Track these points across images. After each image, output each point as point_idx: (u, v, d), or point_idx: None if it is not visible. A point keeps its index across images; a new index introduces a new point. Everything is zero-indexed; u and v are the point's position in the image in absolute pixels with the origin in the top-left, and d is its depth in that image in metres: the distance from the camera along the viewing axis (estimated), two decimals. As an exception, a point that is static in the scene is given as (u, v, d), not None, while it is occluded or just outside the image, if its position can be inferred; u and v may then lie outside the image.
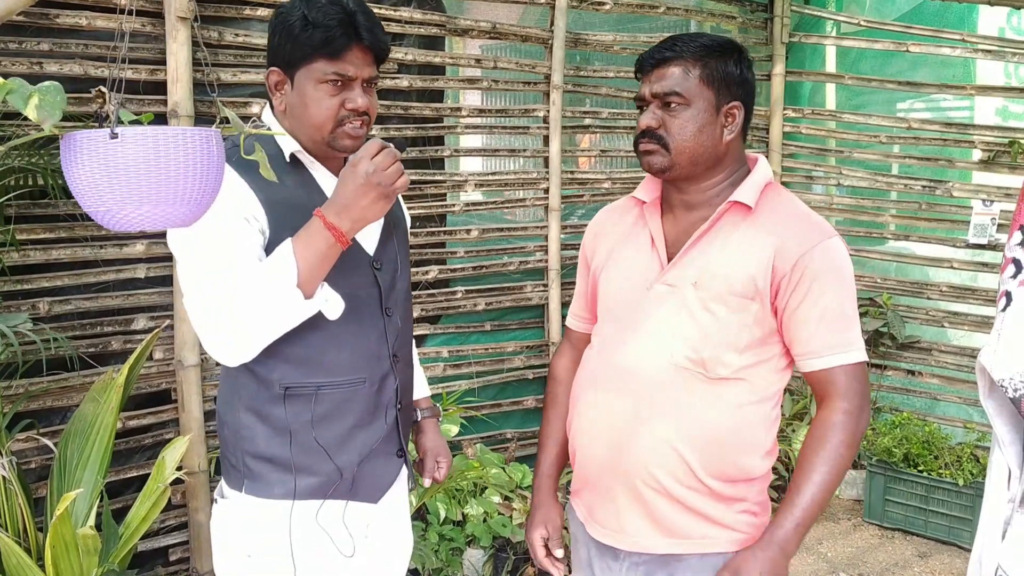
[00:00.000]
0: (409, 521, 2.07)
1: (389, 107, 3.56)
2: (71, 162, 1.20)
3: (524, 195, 4.10)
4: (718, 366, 1.71)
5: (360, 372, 1.78)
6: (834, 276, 1.70)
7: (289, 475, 1.75)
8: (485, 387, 4.02)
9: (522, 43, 4.03)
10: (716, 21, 4.71)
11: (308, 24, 1.64)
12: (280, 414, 1.74)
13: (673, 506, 1.73)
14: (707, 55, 1.73)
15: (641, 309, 1.79)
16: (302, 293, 1.58)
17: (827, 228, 1.74)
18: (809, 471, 1.67)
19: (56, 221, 2.86)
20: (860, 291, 4.59)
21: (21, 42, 2.76)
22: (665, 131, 1.73)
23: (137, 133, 1.18)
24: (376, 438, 1.82)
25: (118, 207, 1.21)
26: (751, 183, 1.76)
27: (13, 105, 1.13)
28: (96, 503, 2.27)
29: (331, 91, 1.68)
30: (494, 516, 3.55)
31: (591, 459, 1.83)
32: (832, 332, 1.69)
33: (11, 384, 2.72)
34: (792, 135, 4.85)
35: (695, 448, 1.71)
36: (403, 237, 1.94)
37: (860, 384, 1.71)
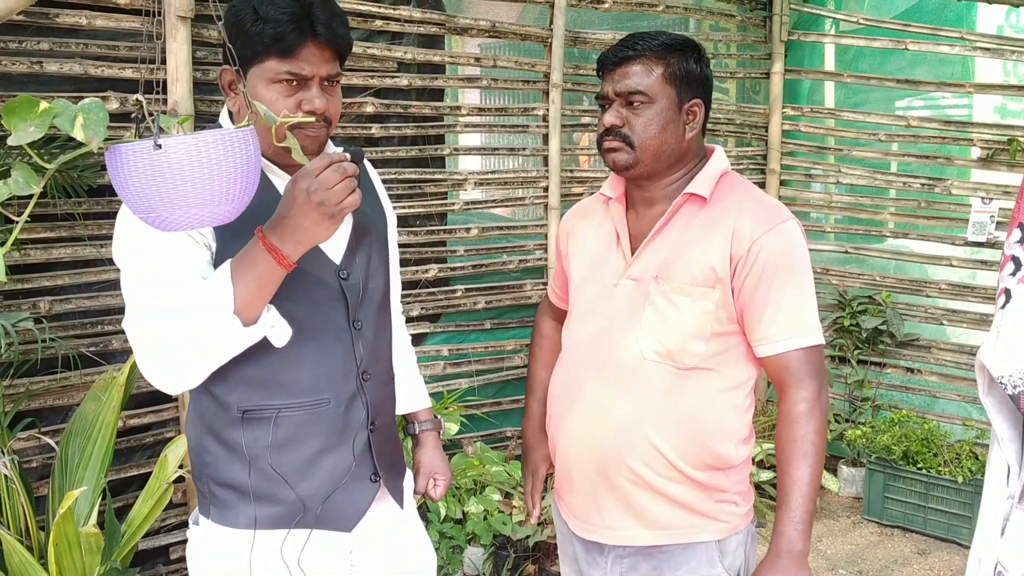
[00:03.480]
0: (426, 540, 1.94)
1: (389, 106, 3.56)
2: (119, 173, 1.23)
3: (524, 193, 4.10)
4: (686, 356, 1.74)
5: (323, 392, 1.63)
6: (788, 259, 1.72)
7: (248, 504, 1.61)
8: (485, 385, 4.02)
9: (521, 41, 4.03)
10: (715, 19, 4.71)
11: (259, 19, 1.50)
12: (238, 439, 1.60)
13: (653, 497, 1.77)
14: (668, 53, 1.76)
15: (609, 305, 1.83)
16: (240, 320, 1.45)
17: (782, 212, 1.78)
18: (790, 470, 1.69)
19: (56, 220, 2.87)
20: (859, 289, 4.62)
21: (21, 41, 2.76)
22: (629, 129, 1.76)
23: (180, 142, 1.21)
24: (346, 464, 1.66)
25: (168, 212, 1.24)
26: (705, 174, 1.80)
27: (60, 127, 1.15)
28: (98, 502, 2.28)
29: (285, 91, 1.54)
30: (494, 514, 3.56)
31: (570, 456, 1.87)
32: (786, 316, 1.71)
33: (12, 383, 2.72)
34: (791, 133, 4.85)
35: (670, 439, 1.74)
36: (380, 241, 1.79)
37: (816, 367, 1.73)
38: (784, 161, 4.85)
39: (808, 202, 4.88)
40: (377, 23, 3.49)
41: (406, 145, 3.70)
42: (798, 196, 4.88)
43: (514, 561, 3.50)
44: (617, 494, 1.79)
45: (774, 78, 4.77)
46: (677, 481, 1.76)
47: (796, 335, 1.71)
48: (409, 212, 3.67)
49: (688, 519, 1.78)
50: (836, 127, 4.80)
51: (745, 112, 4.79)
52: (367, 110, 3.52)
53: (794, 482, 1.68)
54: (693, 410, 1.75)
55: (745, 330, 1.75)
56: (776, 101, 4.78)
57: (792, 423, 1.70)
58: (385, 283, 1.79)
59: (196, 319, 1.44)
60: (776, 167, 4.83)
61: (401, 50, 3.58)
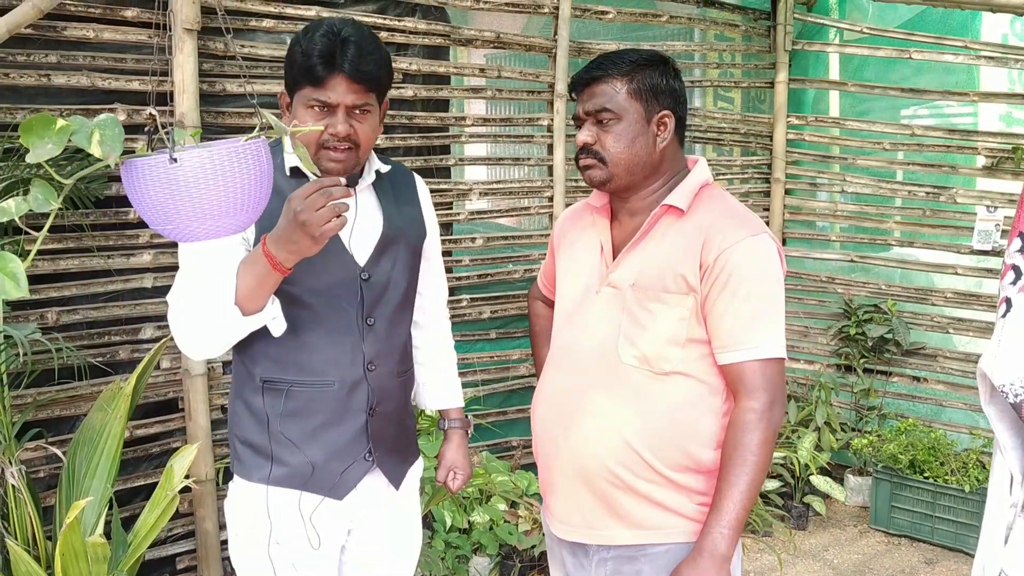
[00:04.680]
0: (416, 524, 2.12)
1: (394, 117, 3.58)
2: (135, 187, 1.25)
3: (529, 203, 4.11)
4: (661, 362, 1.79)
5: (328, 375, 1.85)
6: (753, 271, 1.76)
7: (266, 461, 1.87)
8: (491, 395, 4.03)
9: (526, 52, 4.04)
10: (719, 29, 4.72)
11: (301, 52, 1.75)
12: (259, 404, 1.86)
13: (633, 498, 1.82)
14: (633, 70, 1.83)
15: (590, 311, 1.90)
16: (240, 310, 1.68)
17: (755, 226, 1.81)
18: (728, 475, 1.73)
19: (64, 231, 2.89)
20: (865, 298, 4.61)
21: (29, 54, 2.78)
22: (600, 146, 1.84)
23: (195, 155, 1.23)
24: (343, 440, 1.88)
25: (184, 224, 1.27)
26: (685, 186, 1.86)
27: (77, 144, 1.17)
28: (104, 511, 2.29)
29: (316, 116, 1.76)
30: (500, 524, 3.56)
31: (551, 459, 1.93)
32: (745, 327, 1.75)
33: (20, 393, 2.74)
34: (796, 142, 4.86)
35: (647, 442, 1.80)
36: (410, 250, 1.97)
37: (770, 381, 1.75)
38: (789, 170, 4.86)
39: (813, 211, 4.88)
40: (383, 34, 3.50)
41: (411, 155, 3.72)
42: (803, 205, 4.88)
43: (520, 571, 3.50)
44: (597, 495, 1.84)
45: (778, 87, 4.78)
46: (655, 482, 1.80)
47: (753, 346, 1.75)
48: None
49: (668, 519, 1.82)
50: (841, 136, 4.80)
51: (749, 121, 4.80)
52: (372, 121, 3.53)
53: (729, 487, 1.71)
54: (670, 413, 1.80)
55: (709, 337, 1.80)
56: (780, 110, 4.79)
57: (737, 431, 1.74)
58: (407, 288, 1.98)
59: (206, 305, 1.68)
60: (781, 176, 4.83)
61: (406, 61, 3.60)
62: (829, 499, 4.41)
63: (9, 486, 2.24)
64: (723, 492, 1.72)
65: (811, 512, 4.29)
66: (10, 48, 2.69)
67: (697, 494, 1.82)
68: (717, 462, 1.80)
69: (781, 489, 4.22)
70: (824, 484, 4.21)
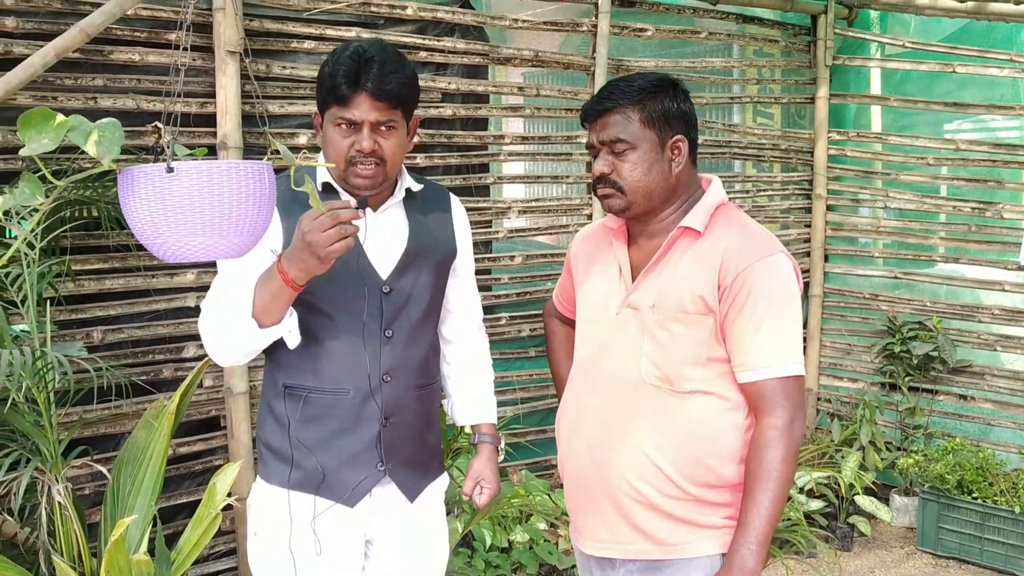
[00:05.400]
0: (438, 540, 2.13)
1: (433, 135, 3.60)
2: (128, 196, 1.24)
3: (567, 221, 4.10)
4: (683, 380, 1.82)
5: (344, 384, 1.91)
6: (771, 290, 1.79)
7: (286, 465, 1.93)
8: (530, 413, 4.01)
9: (564, 70, 4.05)
10: (758, 45, 4.70)
11: (328, 73, 1.83)
12: (281, 408, 1.94)
13: (658, 516, 1.84)
14: (644, 98, 1.84)
15: (610, 332, 1.92)
16: (257, 322, 1.75)
17: (771, 245, 1.84)
18: (752, 492, 1.76)
19: (109, 252, 2.93)
20: (909, 315, 4.55)
21: (77, 78, 2.83)
22: (617, 175, 1.86)
23: (192, 167, 1.22)
24: (356, 447, 1.92)
25: (174, 239, 1.25)
26: (700, 207, 1.88)
27: (74, 141, 1.17)
28: (148, 529, 2.30)
29: (343, 133, 1.83)
30: (540, 543, 3.54)
31: (576, 476, 1.96)
32: (764, 345, 1.77)
33: (67, 412, 2.78)
34: (837, 158, 4.81)
35: (671, 459, 1.82)
36: (435, 266, 2.02)
37: (789, 398, 1.78)
38: (830, 186, 4.81)
39: (855, 227, 4.83)
40: (421, 54, 3.53)
41: (450, 174, 3.73)
42: (845, 221, 4.83)
43: (560, 591, 3.47)
44: (622, 511, 1.87)
45: (819, 103, 4.74)
46: (679, 498, 1.83)
47: (772, 364, 1.77)
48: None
49: (693, 534, 1.84)
50: (883, 151, 4.75)
51: (790, 137, 4.76)
52: (412, 140, 3.55)
53: (754, 504, 1.74)
54: (692, 430, 1.82)
55: (728, 356, 1.82)
56: (821, 126, 4.75)
57: (759, 448, 1.77)
58: (430, 304, 2.02)
59: (228, 316, 1.77)
60: (822, 192, 4.78)
61: (445, 80, 3.62)
62: (874, 520, 4.32)
63: (56, 503, 2.27)
64: (749, 509, 1.75)
65: (856, 533, 4.22)
66: (58, 72, 2.75)
67: (722, 507, 1.84)
68: (741, 476, 1.83)
69: (825, 509, 4.15)
70: (869, 504, 4.14)
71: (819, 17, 4.62)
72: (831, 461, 4.32)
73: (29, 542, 2.45)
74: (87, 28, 2.59)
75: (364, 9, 3.38)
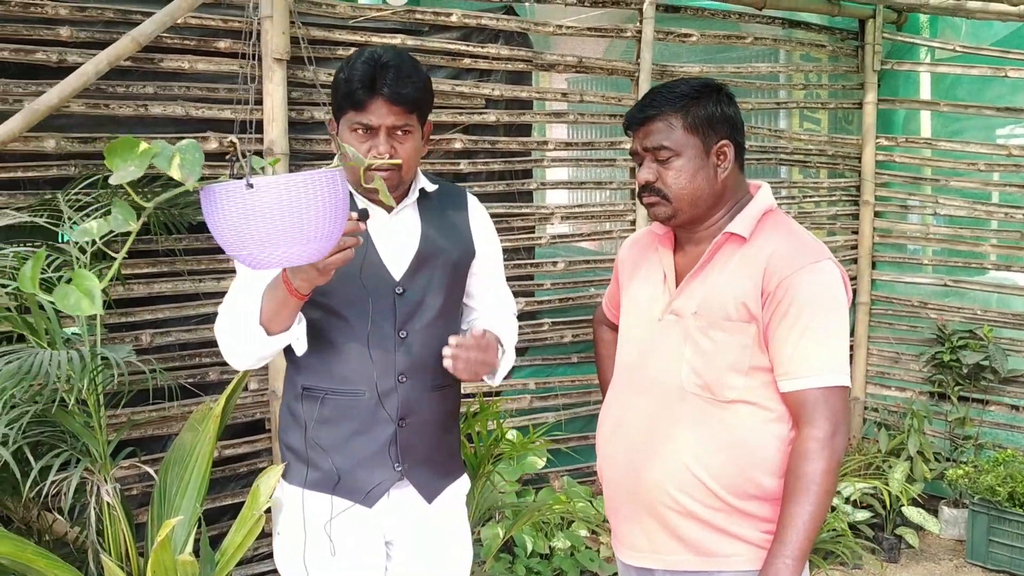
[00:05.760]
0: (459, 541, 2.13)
1: (477, 142, 3.61)
2: (212, 212, 1.28)
3: (611, 227, 4.09)
4: (724, 389, 1.79)
5: (359, 385, 1.92)
6: (816, 298, 1.74)
7: (304, 465, 1.96)
8: (572, 419, 4.01)
9: (608, 76, 4.04)
10: (805, 50, 4.65)
11: (344, 79, 1.85)
12: (299, 410, 1.97)
13: (697, 525, 1.81)
14: (686, 103, 1.81)
15: (653, 338, 1.90)
16: (265, 330, 1.77)
17: (818, 252, 1.80)
18: (791, 504, 1.71)
19: (158, 256, 2.98)
20: (959, 323, 4.46)
21: (128, 85, 2.89)
22: (662, 183, 1.83)
23: (270, 182, 1.26)
24: (371, 448, 1.94)
25: (259, 250, 1.30)
26: (747, 214, 1.85)
27: (158, 167, 1.21)
28: (194, 530, 2.34)
29: (359, 138, 1.86)
30: (581, 550, 3.53)
31: (615, 484, 1.93)
32: (807, 353, 1.73)
33: (115, 413, 2.83)
34: (885, 164, 4.74)
35: (710, 469, 1.78)
36: (448, 267, 2.00)
37: (832, 409, 1.73)
38: (878, 192, 4.74)
39: (904, 234, 4.75)
40: (465, 61, 3.55)
41: (494, 180, 3.75)
42: (893, 228, 4.76)
43: (601, 598, 3.46)
44: (660, 521, 1.84)
45: (867, 108, 4.68)
46: (720, 510, 1.79)
47: (815, 374, 1.73)
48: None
49: (733, 546, 1.80)
50: (933, 157, 4.67)
51: (837, 143, 4.70)
52: (455, 146, 3.57)
53: (791, 517, 1.70)
54: (734, 440, 1.79)
55: (771, 364, 1.78)
56: (869, 131, 4.68)
57: (799, 460, 1.73)
58: (444, 304, 2.00)
59: (238, 324, 1.80)
60: (870, 198, 4.72)
61: (489, 87, 3.63)
62: (922, 532, 4.25)
63: (104, 503, 2.31)
64: (786, 521, 1.70)
65: (903, 544, 4.14)
66: (110, 80, 2.80)
67: (762, 521, 1.80)
68: (782, 489, 1.78)
69: (871, 520, 4.09)
70: (917, 516, 4.07)
71: (867, 21, 4.57)
72: (878, 471, 4.26)
73: (79, 541, 2.50)
74: (138, 37, 2.64)
75: (409, 16, 3.41)
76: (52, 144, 2.75)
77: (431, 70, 3.54)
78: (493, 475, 3.40)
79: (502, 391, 3.82)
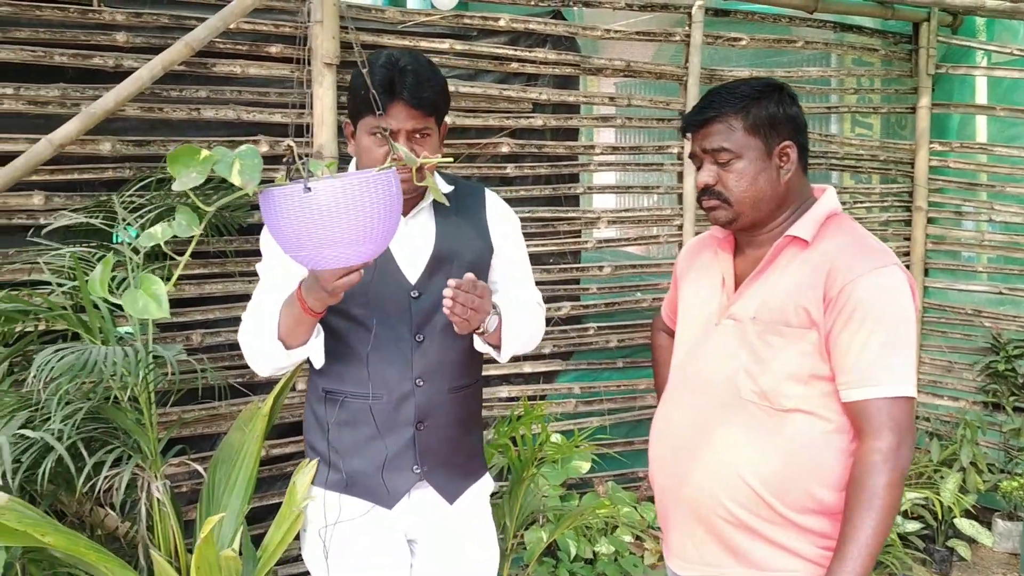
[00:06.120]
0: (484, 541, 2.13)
1: (523, 146, 3.62)
2: (271, 215, 1.32)
3: (658, 231, 4.07)
4: (781, 398, 1.72)
5: (378, 389, 1.94)
6: (881, 304, 1.67)
7: (326, 467, 2.01)
8: (617, 424, 3.99)
9: (656, 80, 4.03)
10: (857, 54, 4.59)
11: (362, 84, 1.82)
12: (321, 412, 2.00)
13: (751, 538, 1.75)
14: (747, 104, 1.76)
15: (710, 344, 1.85)
16: (283, 344, 1.82)
17: (884, 257, 1.72)
18: (852, 519, 1.63)
19: (209, 257, 3.03)
20: (1015, 332, 4.37)
21: (181, 90, 2.94)
22: (723, 186, 1.78)
23: (327, 185, 1.29)
24: (390, 451, 1.96)
25: (316, 251, 1.33)
26: (810, 217, 1.79)
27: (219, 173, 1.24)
28: (240, 527, 2.37)
29: (378, 142, 1.86)
30: (625, 555, 3.52)
31: (666, 493, 1.89)
32: (871, 362, 1.66)
33: (166, 411, 2.88)
34: (939, 169, 4.66)
35: (765, 480, 1.72)
36: (464, 267, 1.92)
37: (897, 421, 1.65)
38: (932, 198, 4.66)
39: (958, 240, 4.67)
40: (513, 65, 3.56)
41: (540, 184, 3.75)
42: (947, 234, 4.67)
43: (645, 604, 3.44)
44: (713, 532, 1.79)
45: (920, 113, 4.60)
46: (774, 523, 1.73)
47: (879, 383, 1.66)
48: (542, 250, 3.70)
49: (788, 561, 1.74)
50: (988, 163, 4.58)
51: (889, 148, 4.63)
52: (502, 150, 3.58)
53: (853, 531, 1.62)
54: (790, 451, 1.72)
55: (833, 372, 1.71)
56: (923, 136, 4.61)
57: (861, 473, 1.65)
58: None
59: (257, 337, 1.85)
60: (923, 204, 4.64)
61: (536, 91, 3.64)
62: (975, 544, 4.16)
63: (154, 499, 2.35)
64: (847, 537, 1.63)
65: (955, 557, 4.06)
66: (164, 84, 2.85)
67: (820, 536, 1.73)
68: (841, 504, 1.71)
69: (922, 531, 4.02)
70: (969, 528, 3.99)
71: (921, 25, 4.49)
72: (929, 481, 4.18)
73: (129, 536, 2.54)
74: (192, 42, 2.69)
75: (457, 21, 3.43)
76: (108, 147, 2.81)
77: (478, 74, 3.56)
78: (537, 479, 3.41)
79: (547, 395, 3.82)
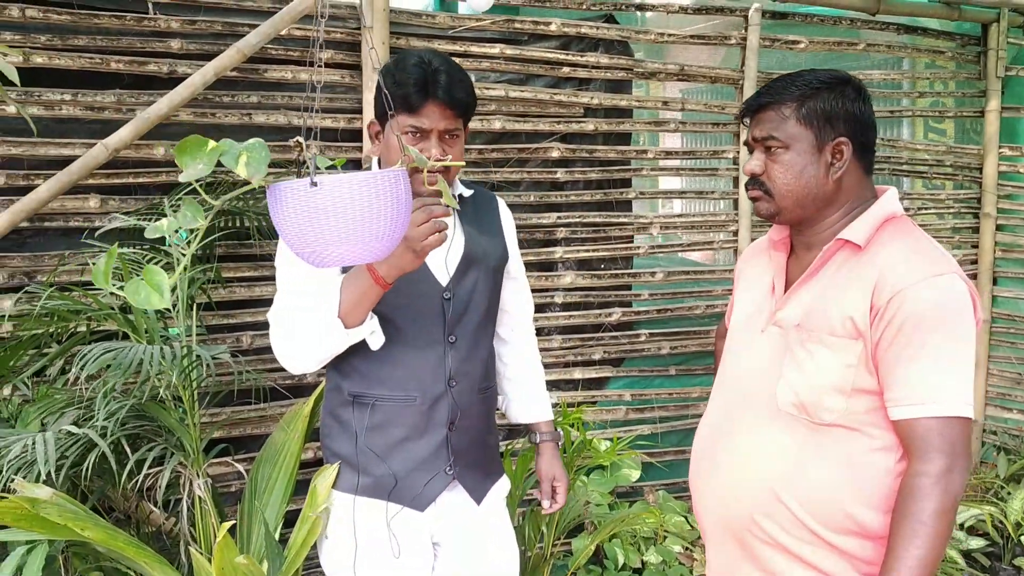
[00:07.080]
0: (506, 541, 2.16)
1: (575, 150, 3.60)
2: (277, 209, 1.32)
3: (712, 237, 4.01)
4: (821, 411, 1.63)
5: (412, 390, 1.94)
6: (935, 315, 1.56)
7: (354, 472, 1.98)
8: (668, 432, 3.94)
9: (711, 84, 3.97)
10: (924, 56, 4.47)
11: (394, 82, 1.85)
12: (348, 417, 1.98)
13: (784, 557, 1.66)
14: (805, 94, 1.69)
15: (754, 351, 1.77)
16: (343, 323, 1.78)
17: (940, 264, 1.60)
18: (896, 547, 1.53)
19: (258, 260, 3.07)
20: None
21: (233, 95, 3.00)
22: (767, 177, 1.72)
23: (333, 180, 1.29)
24: (424, 452, 1.96)
25: (322, 247, 1.33)
26: (865, 220, 1.68)
27: (226, 165, 1.25)
28: (280, 527, 2.39)
29: (410, 141, 1.86)
30: (673, 565, 3.46)
31: (704, 510, 1.82)
32: (922, 378, 1.55)
33: (215, 411, 2.93)
34: (1009, 175, 4.51)
35: (803, 500, 1.63)
36: (490, 270, 2.06)
37: (950, 442, 1.54)
38: (1001, 204, 4.50)
39: (1027, 249, 4.51)
40: (564, 69, 3.54)
41: (591, 189, 3.72)
42: (1017, 242, 4.51)
43: (693, 616, 3.39)
44: (744, 547, 1.72)
45: (989, 116, 4.45)
46: (810, 543, 1.64)
47: (930, 402, 1.55)
48: (593, 255, 3.68)
49: None
50: (1061, 168, 4.42)
51: (956, 153, 4.50)
52: (553, 155, 3.57)
53: (896, 561, 1.51)
54: (828, 469, 1.63)
55: (881, 389, 1.61)
56: (991, 141, 4.46)
57: (907, 498, 1.54)
58: (488, 307, 2.07)
59: (313, 319, 1.79)
60: (992, 211, 4.49)
61: (588, 95, 3.61)
62: (1043, 566, 4.01)
63: (196, 497, 2.38)
64: (890, 566, 1.52)
65: (1022, 577, 3.93)
66: (217, 90, 2.91)
67: (862, 562, 1.64)
68: (887, 528, 1.60)
69: (987, 548, 3.88)
70: (1037, 547, 3.85)
71: (990, 26, 4.35)
72: (996, 497, 4.04)
73: (173, 533, 2.59)
74: (244, 48, 2.74)
75: (508, 26, 3.42)
76: (161, 151, 2.87)
77: (530, 79, 3.55)
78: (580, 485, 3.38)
79: (596, 401, 3.79)
